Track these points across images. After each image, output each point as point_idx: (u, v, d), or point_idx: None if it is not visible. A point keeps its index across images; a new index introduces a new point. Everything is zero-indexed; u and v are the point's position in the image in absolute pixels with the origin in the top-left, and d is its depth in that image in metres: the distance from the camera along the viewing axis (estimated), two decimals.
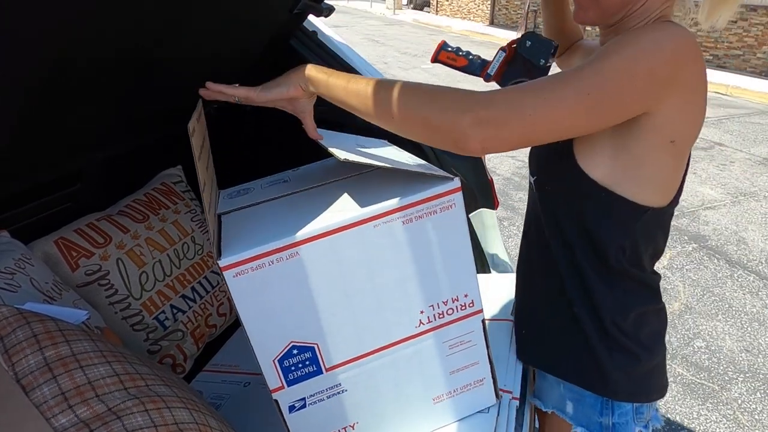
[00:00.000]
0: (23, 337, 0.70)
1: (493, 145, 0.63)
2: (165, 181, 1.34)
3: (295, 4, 1.11)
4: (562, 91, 0.62)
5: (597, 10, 0.73)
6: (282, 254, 0.67)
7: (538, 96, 0.62)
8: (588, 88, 0.62)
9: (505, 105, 0.62)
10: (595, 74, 0.62)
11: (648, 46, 0.62)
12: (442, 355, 0.80)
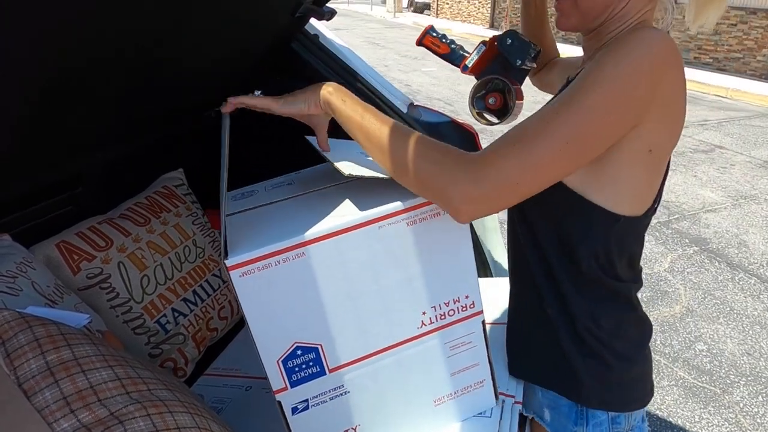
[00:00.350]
0: (25, 341, 0.70)
1: (484, 214, 0.67)
2: (166, 184, 1.34)
3: (296, 8, 1.12)
4: (546, 149, 0.62)
5: (578, 16, 0.74)
6: (288, 254, 0.67)
7: (523, 161, 0.62)
8: (569, 135, 0.62)
9: (493, 180, 0.63)
10: (575, 118, 0.62)
11: (625, 71, 0.61)
12: (443, 356, 0.80)
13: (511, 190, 0.64)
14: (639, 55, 0.62)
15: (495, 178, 0.62)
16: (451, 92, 7.17)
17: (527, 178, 0.63)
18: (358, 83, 1.40)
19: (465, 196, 0.63)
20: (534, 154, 0.62)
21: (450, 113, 5.41)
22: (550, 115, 0.63)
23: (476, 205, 0.64)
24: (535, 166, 0.63)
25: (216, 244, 1.35)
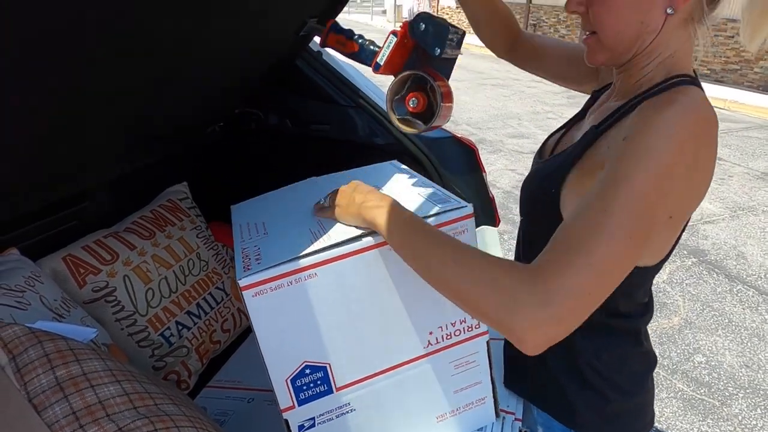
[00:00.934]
0: (35, 356, 0.72)
1: (557, 339, 0.55)
2: (171, 197, 1.36)
3: (301, 27, 1.14)
4: (610, 248, 0.55)
5: (605, 53, 0.71)
6: (300, 275, 0.68)
7: (591, 268, 0.55)
8: (629, 228, 0.56)
9: (563, 296, 0.53)
10: (626, 208, 0.56)
11: (664, 151, 0.57)
12: (447, 375, 0.82)
13: (585, 304, 0.55)
14: (676, 133, 0.58)
15: (565, 294, 0.53)
16: None
17: (599, 285, 0.56)
18: (360, 99, 1.43)
19: (532, 322, 0.53)
20: (598, 257, 0.55)
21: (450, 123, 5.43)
22: (601, 211, 0.57)
23: (546, 328, 0.54)
24: (603, 270, 0.55)
25: (220, 256, 1.36)
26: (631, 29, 0.66)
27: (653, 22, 0.65)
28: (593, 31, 0.70)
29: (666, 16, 0.64)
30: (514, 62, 1.03)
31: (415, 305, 0.76)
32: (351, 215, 0.72)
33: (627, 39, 0.67)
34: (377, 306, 0.74)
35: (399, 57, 0.76)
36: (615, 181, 0.57)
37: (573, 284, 0.54)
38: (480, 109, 6.84)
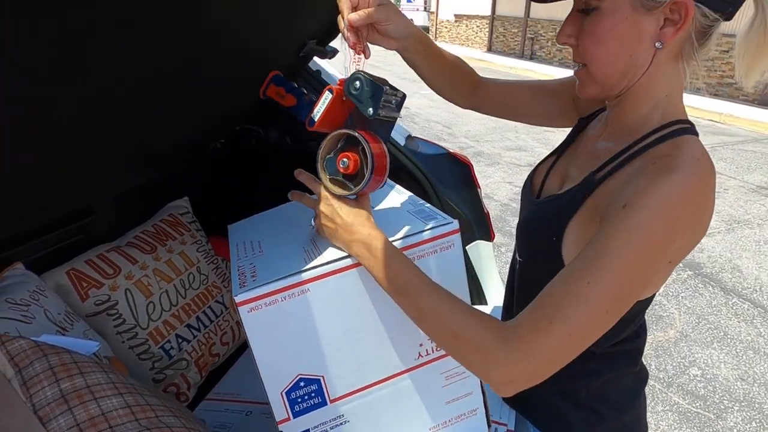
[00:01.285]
0: (40, 369, 0.74)
1: (526, 387, 0.61)
2: (172, 212, 1.39)
3: (301, 48, 1.18)
4: (586, 317, 0.58)
5: (595, 86, 0.71)
6: (294, 290, 0.71)
7: (564, 336, 0.58)
8: (614, 295, 0.59)
9: (534, 359, 0.58)
10: (610, 284, 0.58)
11: (651, 229, 0.58)
12: (438, 386, 0.84)
13: (556, 365, 0.61)
14: (672, 219, 0.59)
15: (536, 356, 0.59)
16: (449, 114, 7.27)
17: (571, 350, 0.60)
18: None
19: (506, 377, 0.60)
20: (575, 326, 0.58)
21: (448, 135, 5.42)
22: (586, 282, 0.59)
23: (517, 384, 0.61)
24: (578, 337, 0.59)
25: (219, 270, 1.39)
26: (620, 62, 0.66)
27: (642, 56, 0.65)
28: (583, 63, 0.70)
29: (655, 50, 0.65)
30: (478, 110, 1.01)
31: (404, 318, 0.78)
32: (339, 243, 0.74)
33: (616, 72, 0.67)
34: (368, 319, 0.76)
35: (334, 114, 0.73)
36: (606, 253, 0.59)
37: (547, 348, 0.59)
38: (478, 122, 6.91)
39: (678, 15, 0.62)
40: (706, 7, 0.62)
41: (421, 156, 1.45)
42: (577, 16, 0.69)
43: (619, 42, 0.65)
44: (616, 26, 0.64)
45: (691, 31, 0.64)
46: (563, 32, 0.70)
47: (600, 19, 0.65)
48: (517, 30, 12.97)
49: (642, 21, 0.63)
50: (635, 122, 0.70)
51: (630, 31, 0.64)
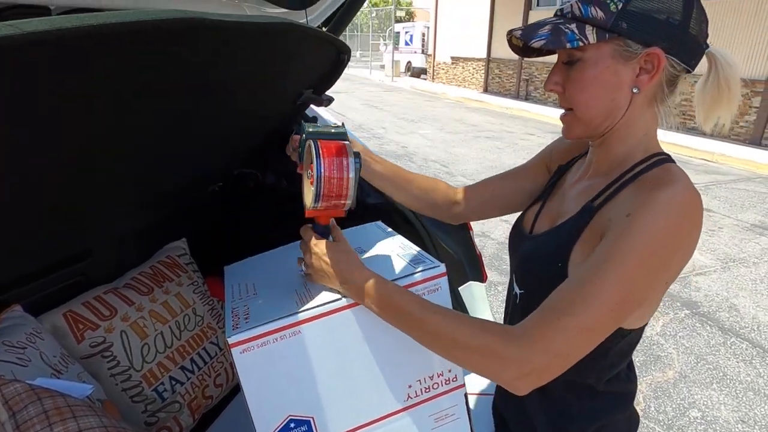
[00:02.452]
0: (34, 413, 0.75)
1: (543, 383, 0.64)
2: (170, 254, 1.41)
3: (298, 97, 1.23)
4: (593, 317, 0.63)
5: (581, 127, 0.77)
6: (285, 332, 0.73)
7: (571, 333, 0.63)
8: (619, 295, 0.63)
9: (543, 356, 0.62)
10: (616, 283, 0.63)
11: (654, 232, 0.63)
12: (428, 428, 0.85)
13: (563, 359, 0.64)
14: (673, 224, 0.64)
15: (546, 350, 0.62)
16: (447, 154, 7.39)
17: (579, 346, 0.64)
18: None
19: (518, 373, 0.63)
20: (582, 320, 0.63)
21: (446, 175, 5.47)
22: (595, 281, 0.64)
23: (530, 378, 0.63)
24: (587, 333, 0.63)
25: (215, 311, 1.40)
26: (602, 105, 0.73)
27: (622, 99, 0.73)
28: (569, 108, 0.77)
29: (632, 95, 0.72)
30: (466, 220, 1.08)
31: (394, 359, 0.80)
32: (335, 286, 0.78)
33: (599, 114, 0.74)
34: (358, 361, 0.78)
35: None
36: (614, 254, 0.64)
37: (555, 344, 0.62)
38: (474, 161, 7.01)
39: (651, 65, 0.70)
40: (675, 59, 0.71)
41: None
42: (563, 66, 0.76)
43: (602, 88, 0.73)
44: (599, 74, 0.72)
45: (662, 79, 0.72)
46: (550, 80, 0.77)
47: (584, 69, 0.72)
48: (512, 71, 13.33)
49: (621, 69, 0.71)
50: (621, 157, 0.77)
51: (611, 78, 0.71)
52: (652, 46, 0.69)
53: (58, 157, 0.79)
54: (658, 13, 0.68)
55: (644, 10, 0.67)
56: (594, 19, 0.69)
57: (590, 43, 0.69)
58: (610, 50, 0.70)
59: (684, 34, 0.69)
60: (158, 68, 0.71)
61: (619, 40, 0.69)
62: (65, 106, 0.65)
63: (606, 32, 0.69)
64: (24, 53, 0.49)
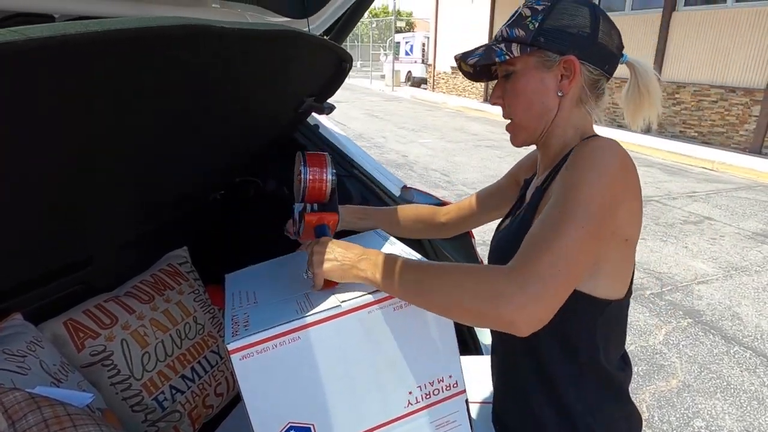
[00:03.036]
0: (33, 422, 0.75)
1: (543, 317, 0.65)
2: (171, 262, 1.41)
3: (299, 105, 1.24)
4: (569, 239, 0.67)
5: (522, 132, 0.89)
6: (285, 338, 0.73)
7: (556, 253, 0.66)
8: (584, 223, 0.68)
9: (535, 279, 0.64)
10: (576, 208, 0.68)
11: (596, 173, 0.71)
12: None
13: (557, 283, 0.65)
14: (607, 164, 0.72)
15: (538, 275, 0.64)
16: (447, 163, 7.41)
17: (565, 266, 0.66)
18: (355, 170, 1.51)
19: (517, 305, 0.63)
20: (561, 243, 0.66)
21: (446, 183, 5.47)
22: (557, 216, 0.69)
23: (530, 308, 0.64)
24: (567, 253, 0.66)
25: (216, 320, 1.40)
26: (535, 109, 0.85)
27: (550, 102, 0.84)
28: (510, 117, 0.89)
29: (559, 98, 0.84)
30: (452, 234, 1.22)
31: (394, 365, 0.80)
32: (339, 271, 0.79)
33: (534, 117, 0.86)
34: (357, 367, 0.77)
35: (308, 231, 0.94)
36: (566, 193, 0.71)
37: (543, 267, 0.65)
38: (475, 170, 7.02)
39: (569, 71, 0.82)
40: (590, 65, 0.82)
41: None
42: (502, 82, 0.88)
43: (532, 94, 0.85)
44: (528, 83, 0.84)
45: (583, 83, 0.84)
46: (493, 95, 0.90)
47: (516, 80, 0.85)
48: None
49: (545, 77, 0.83)
50: (559, 149, 0.87)
51: (538, 85, 0.84)
52: (567, 55, 0.80)
53: (59, 165, 0.79)
54: (570, 28, 0.80)
55: (558, 27, 0.80)
56: (518, 38, 0.82)
57: (515, 56, 0.82)
58: (534, 61, 0.82)
59: (593, 43, 0.81)
60: (161, 75, 0.71)
61: (540, 52, 0.81)
62: (67, 114, 0.65)
63: (528, 47, 0.81)
64: (28, 59, 0.49)
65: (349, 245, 0.82)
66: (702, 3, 8.46)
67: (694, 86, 8.57)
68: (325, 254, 0.80)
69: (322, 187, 0.93)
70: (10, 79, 0.50)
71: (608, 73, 0.85)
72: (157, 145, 0.98)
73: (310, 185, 0.92)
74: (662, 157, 8.00)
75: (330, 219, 0.94)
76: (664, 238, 4.66)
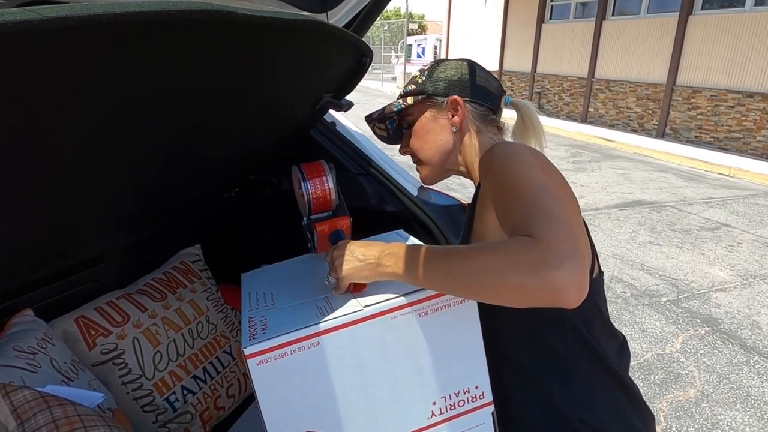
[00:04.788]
0: (43, 422, 0.72)
1: (586, 281, 0.60)
2: (184, 260, 1.38)
3: (317, 101, 1.21)
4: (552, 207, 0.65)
5: (429, 170, 1.00)
6: (304, 343, 0.70)
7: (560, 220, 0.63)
8: (550, 194, 0.68)
9: (554, 235, 0.61)
10: (536, 188, 0.68)
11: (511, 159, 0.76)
12: None
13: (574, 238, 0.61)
14: (516, 149, 0.78)
15: (553, 226, 0.61)
16: None
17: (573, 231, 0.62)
18: (371, 168, 1.48)
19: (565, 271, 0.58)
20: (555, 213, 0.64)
21: (458, 186, 5.44)
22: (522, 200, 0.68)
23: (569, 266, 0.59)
24: (566, 221, 0.63)
25: (228, 320, 1.37)
26: (436, 146, 0.97)
27: (448, 138, 0.96)
28: (419, 161, 1.00)
29: (454, 133, 0.95)
30: None
31: (417, 374, 0.76)
32: (364, 271, 0.75)
33: (436, 154, 0.97)
34: (378, 375, 0.74)
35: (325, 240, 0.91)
36: (506, 185, 0.72)
37: (553, 222, 0.62)
38: None
39: (455, 108, 0.94)
40: (475, 101, 0.95)
41: (433, 206, 1.46)
42: (407, 133, 1.01)
43: (430, 134, 0.97)
44: (425, 125, 0.97)
45: (471, 117, 0.95)
46: (402, 147, 1.03)
47: (416, 125, 0.98)
48: (524, 84, 13.31)
49: (438, 117, 0.96)
50: (474, 173, 0.96)
51: (433, 125, 0.96)
52: (451, 95, 0.93)
53: (68, 162, 0.77)
54: (452, 77, 0.95)
55: (441, 77, 0.96)
56: (411, 91, 0.98)
57: (409, 104, 0.97)
58: (426, 106, 0.96)
59: (473, 85, 0.95)
60: (178, 64, 0.68)
61: (429, 98, 0.96)
62: (81, 100, 0.63)
63: (418, 95, 0.96)
64: (43, 41, 0.47)
65: (369, 243, 0.78)
66: (719, 6, 8.34)
67: (711, 91, 8.44)
68: (345, 256, 0.76)
69: (326, 197, 0.91)
70: (22, 62, 0.48)
71: (492, 108, 0.97)
72: (170, 142, 0.96)
73: (314, 198, 0.90)
74: (677, 162, 7.88)
75: (342, 223, 0.91)
76: (680, 244, 4.57)
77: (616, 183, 6.59)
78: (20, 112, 0.55)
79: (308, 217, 0.92)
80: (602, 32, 10.27)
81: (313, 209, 0.91)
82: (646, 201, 5.85)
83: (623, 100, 9.92)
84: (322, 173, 0.90)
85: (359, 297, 0.76)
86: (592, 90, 10.70)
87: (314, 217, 0.92)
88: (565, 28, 11.40)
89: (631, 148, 8.61)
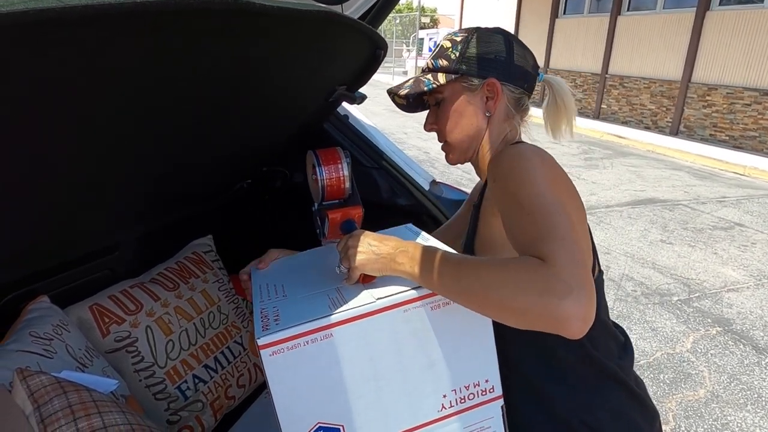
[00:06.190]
0: (59, 407, 0.73)
1: (592, 312, 0.59)
2: (196, 250, 1.40)
3: (330, 94, 1.21)
4: (560, 225, 0.65)
5: (456, 152, 0.94)
6: (317, 335, 0.70)
7: (566, 241, 0.63)
8: (558, 210, 0.67)
9: (563, 261, 0.60)
10: (543, 203, 0.68)
11: (523, 169, 0.74)
12: None
13: (574, 257, 0.61)
14: (527, 158, 0.76)
15: (560, 257, 0.60)
16: None
17: (580, 250, 0.63)
18: (383, 161, 1.48)
19: (571, 300, 0.58)
20: (562, 233, 0.64)
21: (468, 180, 5.41)
22: (531, 216, 0.68)
23: (577, 293, 0.58)
24: (573, 238, 0.64)
25: (239, 310, 1.38)
26: (465, 129, 0.91)
27: (480, 122, 0.90)
28: (445, 140, 0.94)
29: (487, 118, 0.90)
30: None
31: (428, 367, 0.76)
32: (377, 264, 0.75)
33: (465, 137, 0.91)
34: (390, 368, 0.74)
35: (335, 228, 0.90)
36: (515, 199, 0.71)
37: (561, 251, 0.62)
38: None
39: (492, 93, 0.88)
40: (511, 85, 0.89)
41: (445, 201, 1.46)
42: (434, 109, 0.95)
43: (461, 116, 0.91)
44: (457, 106, 0.90)
45: (506, 102, 0.90)
46: (427, 122, 0.96)
47: (447, 105, 0.91)
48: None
49: (472, 99, 0.89)
50: (483, 166, 0.93)
51: (466, 107, 0.90)
52: (488, 78, 0.87)
53: (84, 152, 0.78)
54: (488, 54, 0.88)
55: (477, 54, 0.88)
56: (442, 67, 0.90)
57: (442, 84, 0.89)
58: (460, 87, 0.89)
59: (511, 65, 0.88)
60: (194, 54, 0.68)
61: (463, 78, 0.88)
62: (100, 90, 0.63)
63: (452, 74, 0.89)
64: (65, 28, 0.47)
65: (384, 237, 0.78)
66: (737, 2, 8.20)
67: (727, 88, 8.31)
68: (360, 247, 0.76)
69: (340, 184, 0.89)
70: (43, 51, 0.48)
71: (528, 91, 0.92)
72: (185, 132, 0.96)
73: (328, 185, 0.88)
74: (691, 160, 7.79)
75: (355, 213, 0.90)
76: (693, 243, 4.53)
77: (629, 180, 6.52)
78: (42, 101, 0.56)
79: (320, 203, 0.90)
80: (617, 27, 10.14)
81: (326, 196, 0.89)
82: (658, 199, 5.79)
83: (637, 97, 9.80)
84: (338, 160, 0.88)
85: (371, 289, 0.76)
86: (605, 86, 10.58)
87: (326, 204, 0.90)
88: (579, 22, 11.27)
89: (644, 146, 8.52)
